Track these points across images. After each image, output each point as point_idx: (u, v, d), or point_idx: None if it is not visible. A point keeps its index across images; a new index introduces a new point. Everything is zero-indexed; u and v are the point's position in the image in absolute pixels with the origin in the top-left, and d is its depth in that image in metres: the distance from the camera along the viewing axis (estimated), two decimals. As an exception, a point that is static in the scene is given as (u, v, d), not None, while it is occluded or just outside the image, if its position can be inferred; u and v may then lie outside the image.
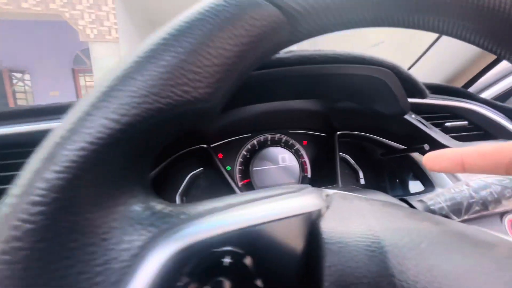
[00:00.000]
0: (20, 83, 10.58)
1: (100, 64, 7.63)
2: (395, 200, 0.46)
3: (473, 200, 0.43)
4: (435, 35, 0.88)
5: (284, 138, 0.84)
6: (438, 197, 0.47)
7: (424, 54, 0.85)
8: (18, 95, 10.59)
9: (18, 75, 10.54)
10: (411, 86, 0.53)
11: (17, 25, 8.54)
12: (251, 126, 0.80)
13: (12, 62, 9.80)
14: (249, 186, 0.79)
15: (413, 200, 0.50)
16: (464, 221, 0.46)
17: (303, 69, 0.41)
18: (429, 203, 0.47)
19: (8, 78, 10.20)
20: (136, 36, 8.73)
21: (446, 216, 0.45)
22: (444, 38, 0.79)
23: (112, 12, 7.60)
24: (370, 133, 0.79)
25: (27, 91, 10.60)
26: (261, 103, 0.54)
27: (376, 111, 0.60)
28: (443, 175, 0.62)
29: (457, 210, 0.44)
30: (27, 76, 10.58)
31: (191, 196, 0.74)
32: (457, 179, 0.58)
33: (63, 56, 9.83)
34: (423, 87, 0.54)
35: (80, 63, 10.18)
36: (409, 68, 0.91)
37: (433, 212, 0.46)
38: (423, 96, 0.56)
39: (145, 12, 7.57)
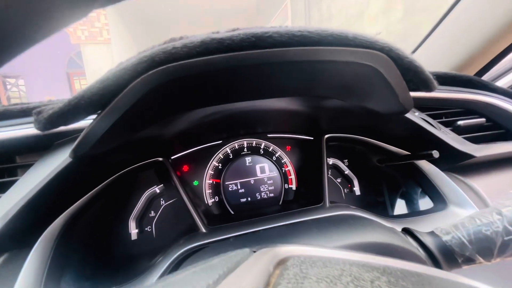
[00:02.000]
0: (15, 89, 10.45)
1: (93, 67, 7.47)
2: (393, 238, 0.33)
3: (510, 237, 0.30)
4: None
5: (263, 144, 0.71)
6: (458, 230, 0.33)
7: (427, 38, 0.71)
8: (13, 101, 10.48)
9: (12, 80, 10.40)
10: (414, 76, 0.40)
11: (7, 29, 8.35)
12: (222, 131, 0.66)
13: (4, 67, 9.67)
14: (220, 205, 0.66)
15: (422, 231, 0.36)
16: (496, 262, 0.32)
17: (254, 55, 0.28)
18: (444, 238, 0.34)
19: (1, 83, 10.07)
20: (128, 37, 8.55)
21: (470, 259, 0.32)
22: (452, 16, 0.65)
23: (103, 12, 7.42)
24: (364, 136, 0.65)
25: (22, 97, 10.49)
26: (216, 104, 0.40)
27: (370, 110, 0.47)
28: (459, 189, 0.49)
29: (487, 250, 0.31)
30: (21, 82, 10.44)
31: (147, 221, 0.61)
32: (480, 198, 0.45)
33: (57, 60, 9.70)
34: (431, 76, 0.41)
35: (74, 67, 10.05)
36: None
37: (451, 251, 0.33)
38: (430, 88, 0.43)
39: (136, 12, 7.40)
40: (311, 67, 0.33)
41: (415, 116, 0.51)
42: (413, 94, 0.44)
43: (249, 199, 0.67)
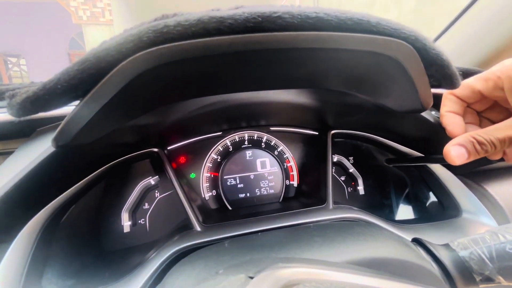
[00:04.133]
0: (16, 68, 10.34)
1: (94, 48, 7.32)
2: (405, 252, 0.30)
3: (539, 258, 0.27)
4: (455, 14, 0.68)
5: (265, 137, 0.67)
6: (477, 245, 0.30)
7: (447, 29, 0.65)
8: (14, 81, 10.40)
9: (14, 59, 10.28)
10: (437, 71, 0.35)
11: (8, 7, 8.20)
12: (221, 122, 0.62)
13: (5, 45, 9.55)
14: (217, 199, 0.63)
15: (434, 241, 0.33)
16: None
17: (260, 39, 0.24)
18: (461, 253, 0.31)
19: (3, 62, 9.96)
20: (131, 18, 8.33)
21: (489, 278, 0.29)
22: (478, 6, 0.59)
23: (105, -8, 7.22)
24: (372, 133, 0.61)
25: (23, 76, 10.40)
26: (214, 94, 0.36)
27: (382, 106, 0.43)
28: (474, 196, 0.45)
29: (510, 270, 0.28)
30: (22, 61, 10.32)
31: (140, 213, 0.58)
32: (497, 207, 0.42)
33: (58, 40, 9.54)
34: (456, 72, 0.37)
35: (76, 47, 9.90)
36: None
37: (468, 269, 0.29)
38: (454, 85, 0.39)
39: (140, -7, 7.17)
40: (324, 56, 0.29)
41: (431, 115, 0.47)
42: (435, 91, 0.40)
43: (248, 194, 0.64)
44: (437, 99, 0.51)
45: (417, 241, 0.34)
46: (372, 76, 0.36)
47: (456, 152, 0.32)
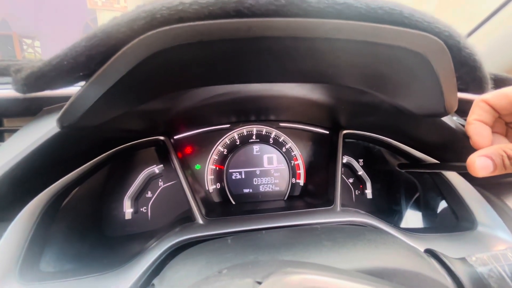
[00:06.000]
0: (31, 49, 10.47)
1: (107, 34, 7.33)
2: (420, 264, 0.28)
3: None
4: (485, 15, 0.64)
5: (274, 133, 0.65)
6: (498, 262, 0.28)
7: (473, 32, 0.62)
8: (28, 62, 10.53)
9: (28, 41, 10.40)
10: (467, 73, 0.33)
11: (25, -13, 8.28)
12: (230, 114, 0.61)
13: (21, 26, 9.67)
14: (221, 193, 0.62)
15: (446, 252, 0.31)
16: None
17: (282, 24, 0.21)
18: (479, 269, 0.29)
19: (18, 44, 10.09)
20: (145, 6, 8.29)
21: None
22: (505, 12, 0.56)
23: (121, -22, 7.20)
24: (386, 136, 0.59)
25: (37, 59, 10.52)
26: (226, 83, 0.35)
27: (401, 108, 0.40)
28: (491, 209, 0.43)
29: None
30: (37, 43, 10.43)
31: (143, 201, 0.57)
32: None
33: (73, 24, 9.60)
34: (488, 76, 0.34)
35: (89, 32, 9.95)
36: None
37: (486, 287, 0.27)
38: (482, 89, 0.36)
39: (155, -20, 7.12)
40: (348, 48, 0.27)
41: (453, 120, 0.45)
42: (461, 95, 0.37)
43: (252, 190, 0.63)
44: (461, 104, 0.48)
45: (430, 253, 0.32)
46: (393, 74, 0.34)
47: (481, 163, 0.29)
